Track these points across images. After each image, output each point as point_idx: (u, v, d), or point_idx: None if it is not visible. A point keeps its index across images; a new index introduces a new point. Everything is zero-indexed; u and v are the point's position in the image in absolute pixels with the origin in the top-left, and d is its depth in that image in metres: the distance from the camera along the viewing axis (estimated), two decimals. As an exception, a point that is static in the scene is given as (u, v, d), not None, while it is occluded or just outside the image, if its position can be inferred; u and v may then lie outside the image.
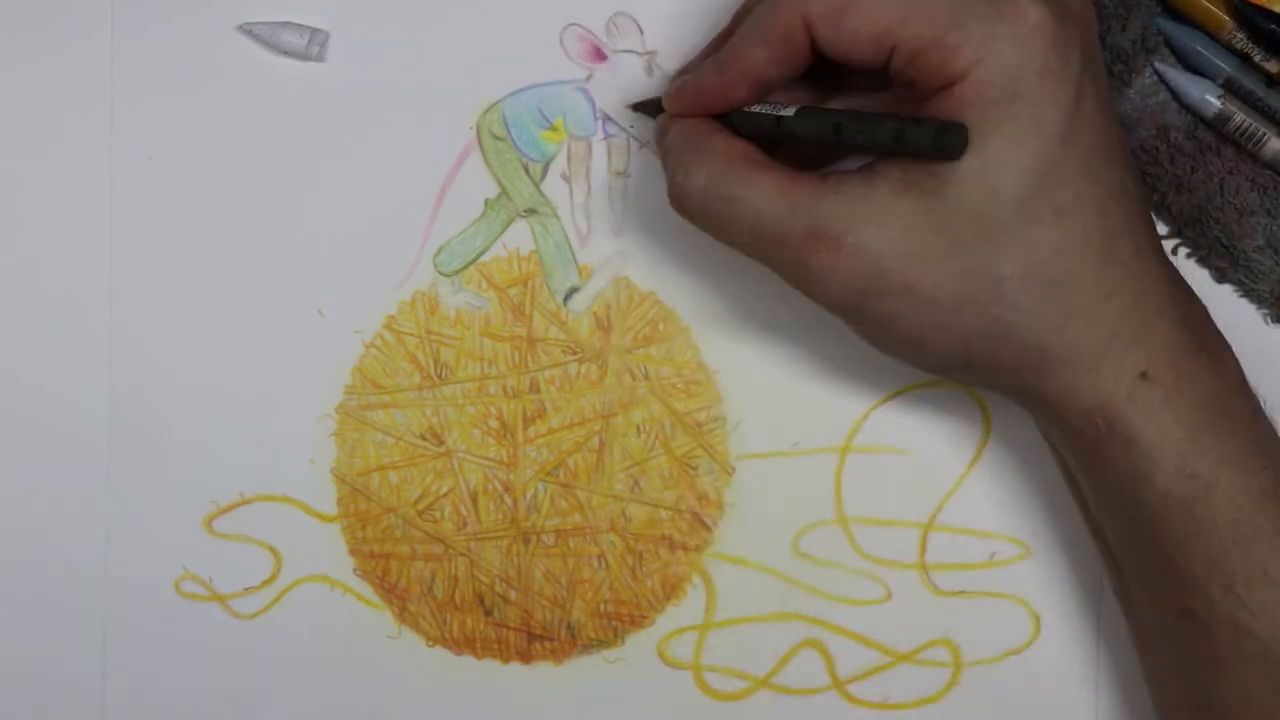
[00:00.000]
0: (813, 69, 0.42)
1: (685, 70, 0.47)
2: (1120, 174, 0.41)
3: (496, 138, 0.49)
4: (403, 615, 0.50)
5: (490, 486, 0.50)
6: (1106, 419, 0.41)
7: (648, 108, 0.48)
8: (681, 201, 0.43)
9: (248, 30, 0.49)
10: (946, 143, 0.39)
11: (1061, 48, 0.39)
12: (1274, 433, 0.43)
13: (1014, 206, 0.39)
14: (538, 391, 0.50)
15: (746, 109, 0.43)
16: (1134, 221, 0.42)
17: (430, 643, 0.50)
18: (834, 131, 0.41)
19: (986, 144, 0.39)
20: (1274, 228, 0.48)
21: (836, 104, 0.44)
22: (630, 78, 0.49)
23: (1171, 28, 0.48)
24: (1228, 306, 0.49)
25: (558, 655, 0.50)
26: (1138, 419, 0.41)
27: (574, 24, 0.49)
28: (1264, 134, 0.47)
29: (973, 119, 0.39)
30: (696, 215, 0.43)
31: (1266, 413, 0.43)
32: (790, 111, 0.42)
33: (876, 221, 0.40)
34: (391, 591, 0.50)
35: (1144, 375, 0.41)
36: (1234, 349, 0.44)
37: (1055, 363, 0.41)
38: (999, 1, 0.39)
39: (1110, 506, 0.43)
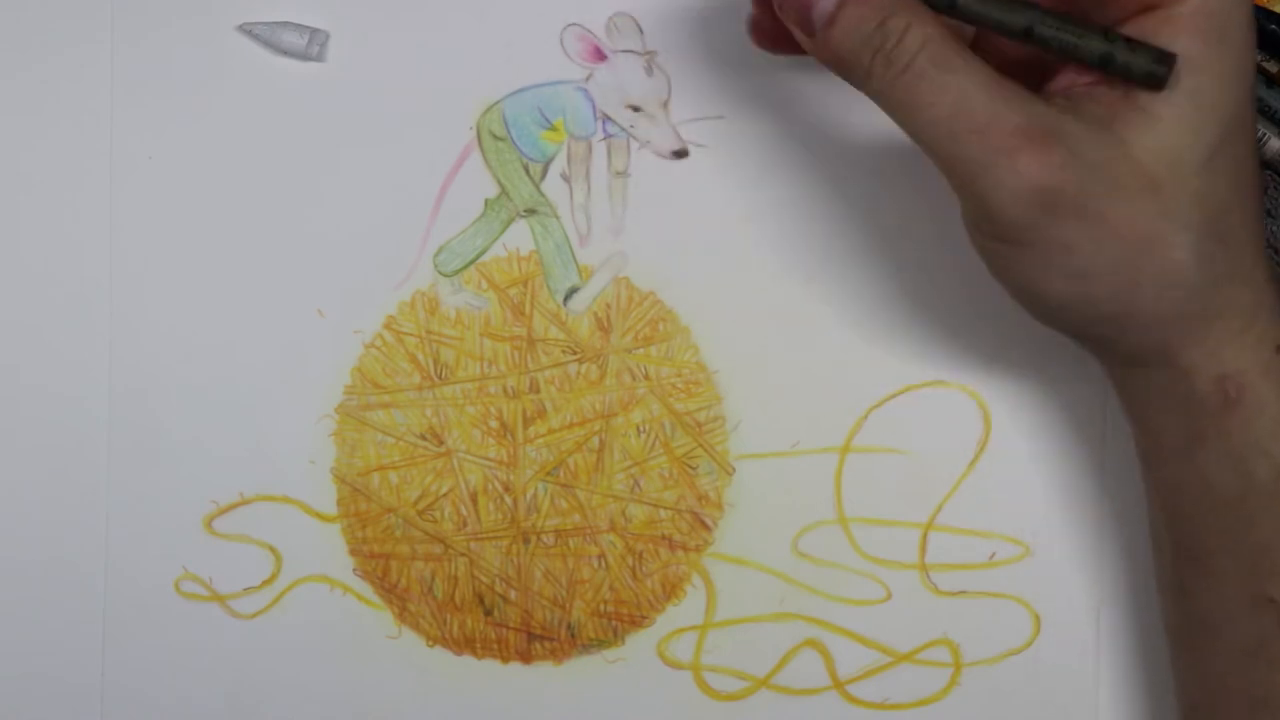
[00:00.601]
0: None
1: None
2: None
3: (496, 138, 0.49)
4: (403, 615, 0.50)
5: (490, 486, 0.50)
6: (1238, 386, 0.40)
7: None
8: (887, 63, 0.39)
9: (248, 30, 0.49)
10: (1158, 73, 0.38)
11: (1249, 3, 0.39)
12: None
13: (1209, 153, 0.39)
14: (538, 391, 0.50)
15: None
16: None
17: (430, 643, 0.50)
18: (1025, 31, 0.39)
19: (1199, 83, 0.38)
20: (1274, 228, 0.48)
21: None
22: (630, 78, 0.49)
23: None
24: (1228, 306, 0.49)
25: (558, 655, 0.50)
26: (1269, 391, 0.40)
27: (574, 24, 0.49)
28: (1264, 134, 0.47)
29: (1187, 51, 0.38)
30: (894, 81, 0.39)
31: None
32: None
33: (1085, 141, 0.38)
34: (391, 591, 0.50)
35: (1279, 349, 0.40)
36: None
37: (1206, 321, 0.40)
38: None
39: (1204, 483, 0.42)
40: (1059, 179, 0.38)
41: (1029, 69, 0.41)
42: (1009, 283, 0.41)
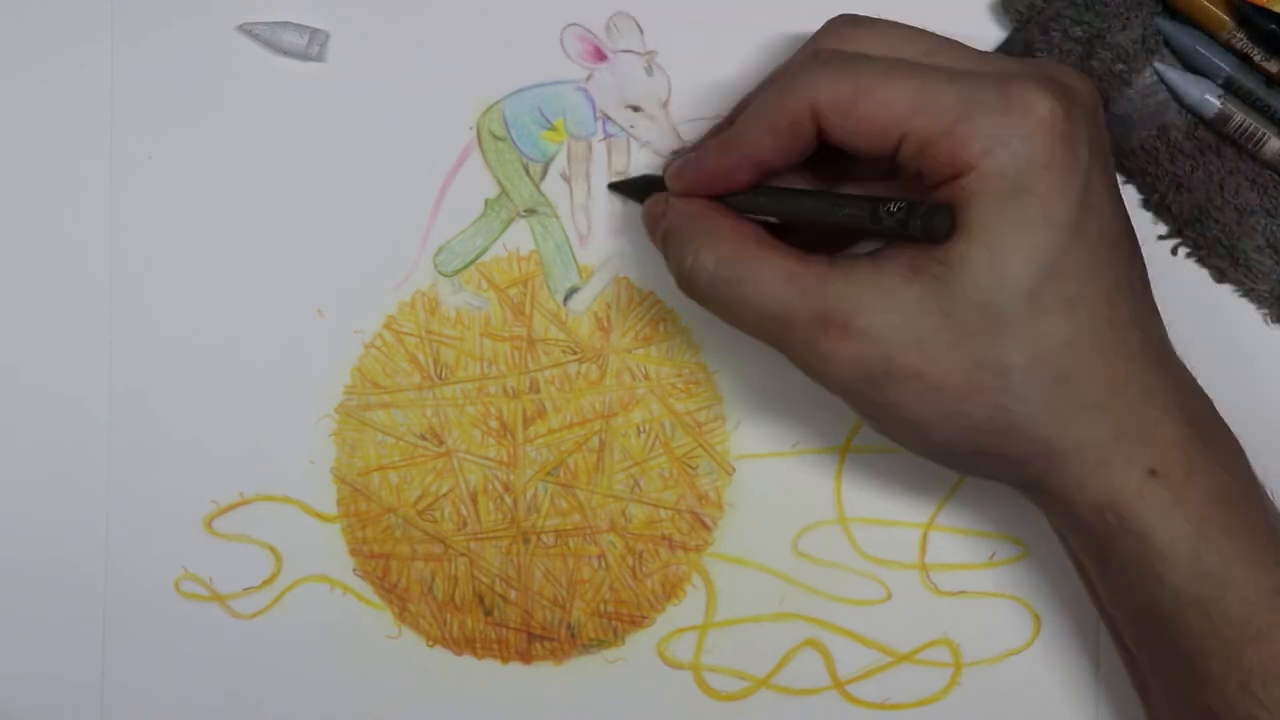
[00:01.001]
0: (818, 156, 0.42)
1: (681, 153, 0.47)
2: (1128, 266, 0.41)
3: (496, 138, 0.49)
4: (403, 615, 0.50)
5: (490, 486, 0.50)
6: (1117, 515, 0.41)
7: (628, 188, 0.48)
8: (690, 284, 0.43)
9: (248, 30, 0.49)
10: (931, 224, 0.39)
11: (1069, 140, 0.40)
12: None
13: (1022, 297, 0.39)
14: (538, 391, 0.50)
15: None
16: (1142, 314, 0.41)
17: (430, 643, 0.50)
18: (806, 209, 0.42)
19: (995, 235, 0.39)
20: (1274, 228, 0.48)
21: (844, 190, 0.45)
22: (630, 78, 0.49)
23: (1172, 28, 0.48)
24: (1228, 306, 0.49)
25: (558, 655, 0.50)
26: (1149, 516, 0.40)
27: (574, 24, 0.49)
28: (1264, 134, 0.47)
29: (980, 210, 0.39)
30: (704, 297, 0.43)
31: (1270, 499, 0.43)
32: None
33: (885, 307, 0.40)
34: (391, 591, 0.50)
35: (1153, 472, 0.40)
36: (1234, 349, 0.44)
37: (1061, 457, 0.41)
38: (1007, 94, 0.39)
39: (1123, 600, 0.42)
40: (862, 352, 0.40)
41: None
42: (877, 433, 0.43)
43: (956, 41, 0.42)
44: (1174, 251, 0.48)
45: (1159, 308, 0.43)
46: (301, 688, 0.50)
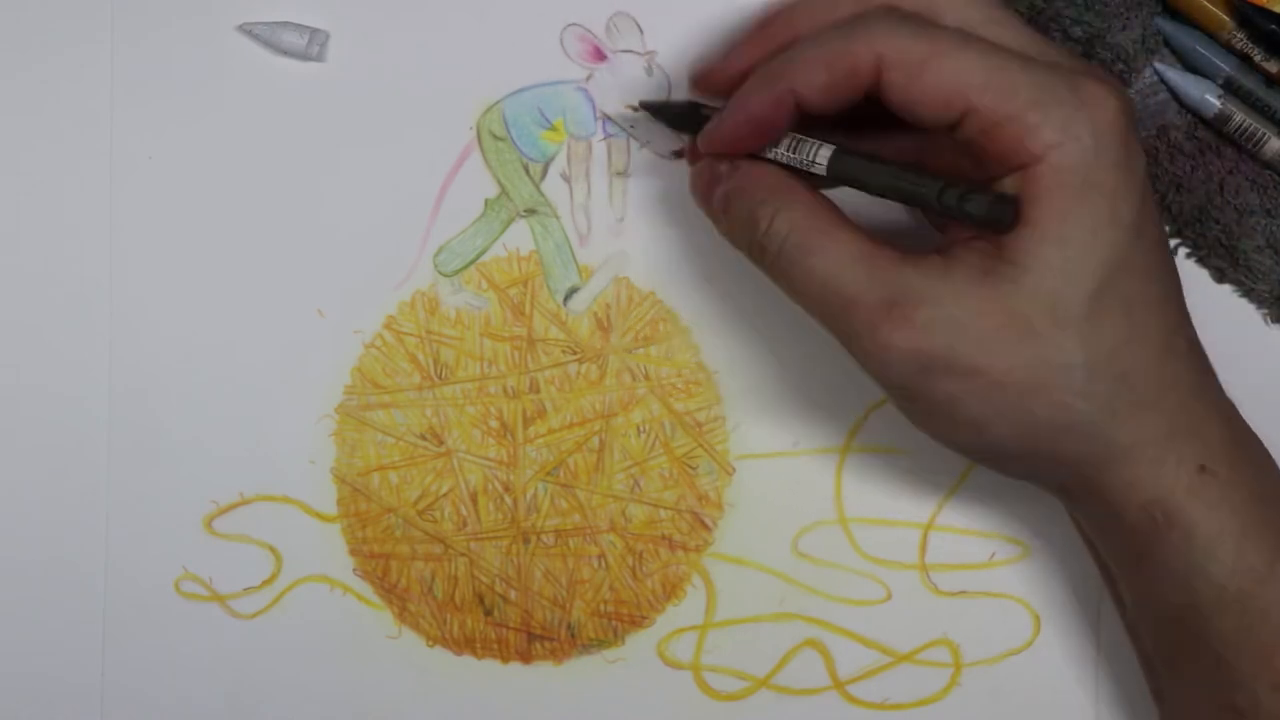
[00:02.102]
0: (838, 122, 0.42)
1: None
2: (1173, 267, 0.42)
3: (496, 138, 0.49)
4: (403, 615, 0.50)
5: (490, 486, 0.50)
6: (1165, 512, 0.41)
7: (663, 111, 0.47)
8: (761, 248, 0.42)
9: (248, 30, 0.49)
10: (997, 212, 0.39)
11: (1131, 140, 0.40)
12: None
13: (1088, 296, 0.39)
14: (538, 391, 0.50)
15: (780, 145, 0.42)
16: (1184, 316, 0.42)
17: (430, 643, 0.50)
18: (876, 176, 0.41)
19: (1067, 234, 0.39)
20: (1274, 228, 0.48)
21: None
22: (630, 78, 0.49)
23: (1172, 28, 0.48)
24: (1228, 306, 0.49)
25: (558, 655, 0.50)
26: (1197, 512, 0.41)
27: (574, 24, 0.49)
28: (1264, 134, 0.47)
29: (1049, 205, 0.39)
30: (771, 262, 0.42)
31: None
32: (826, 153, 0.42)
33: (953, 300, 0.40)
34: (391, 591, 0.50)
35: (1202, 468, 0.41)
36: (1234, 349, 0.44)
37: (1119, 454, 0.41)
38: (1080, 88, 0.39)
39: (1158, 602, 0.42)
40: (923, 343, 0.40)
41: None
42: (921, 429, 0.42)
43: (1017, 16, 0.42)
44: (1174, 251, 0.48)
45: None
46: (301, 688, 0.50)
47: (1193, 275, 0.48)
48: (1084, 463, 0.41)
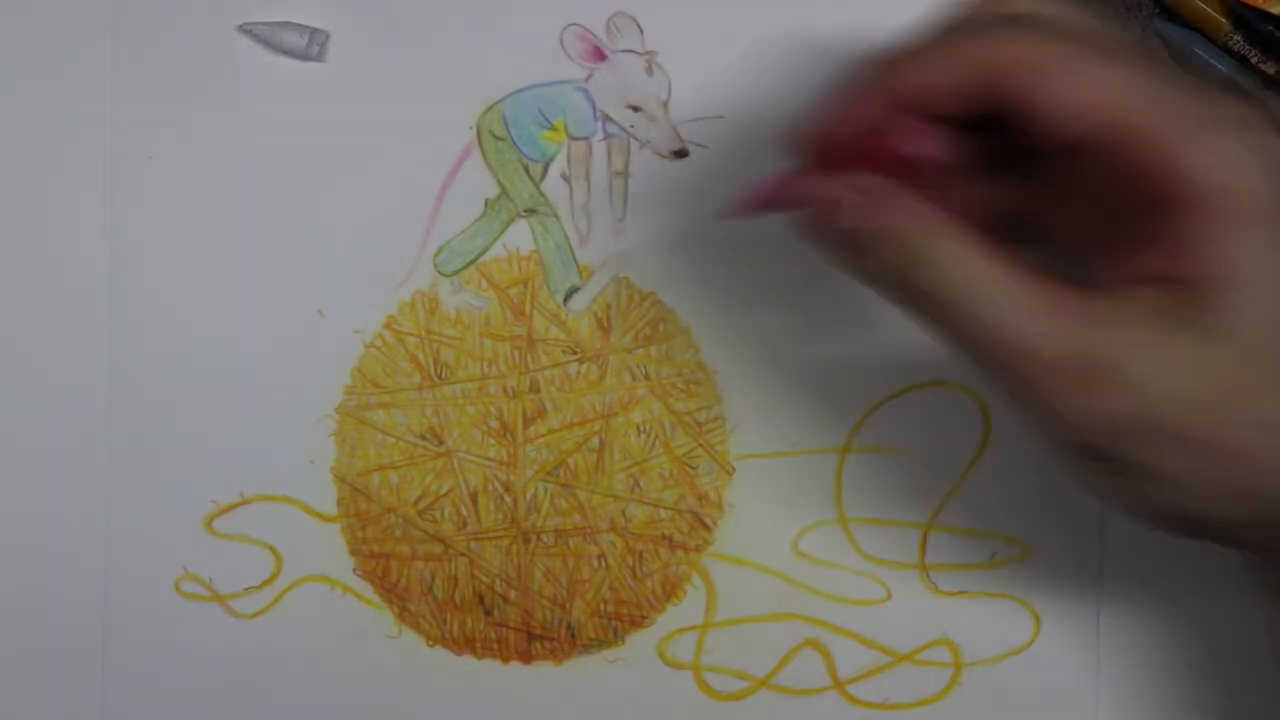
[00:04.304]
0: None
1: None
2: None
3: (496, 138, 0.49)
4: (403, 615, 0.50)
5: (490, 486, 0.50)
6: None
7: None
8: (911, 286, 0.36)
9: (248, 30, 0.49)
10: None
11: None
12: None
13: None
14: (538, 391, 0.50)
15: None
16: None
17: (430, 643, 0.50)
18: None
19: (1260, 276, 0.34)
20: None
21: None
22: (630, 78, 0.49)
23: (1169, 29, 0.48)
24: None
25: (558, 655, 0.50)
26: None
27: (574, 24, 0.49)
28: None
29: (1238, 244, 0.34)
30: (922, 302, 0.36)
31: None
32: None
33: (1149, 355, 0.34)
34: (391, 591, 0.50)
35: None
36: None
37: None
38: (1243, 108, 0.34)
39: None
40: (1118, 407, 0.34)
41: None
42: (1105, 497, 0.37)
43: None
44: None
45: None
46: (301, 688, 0.50)
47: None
48: None
